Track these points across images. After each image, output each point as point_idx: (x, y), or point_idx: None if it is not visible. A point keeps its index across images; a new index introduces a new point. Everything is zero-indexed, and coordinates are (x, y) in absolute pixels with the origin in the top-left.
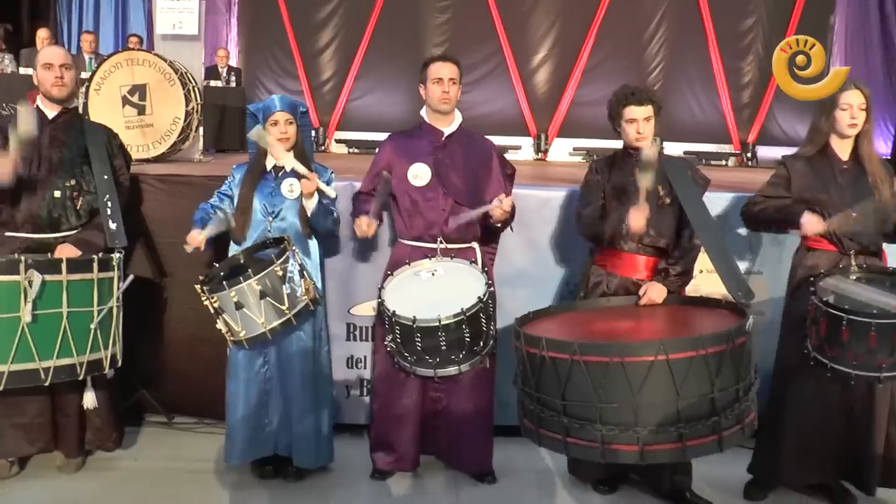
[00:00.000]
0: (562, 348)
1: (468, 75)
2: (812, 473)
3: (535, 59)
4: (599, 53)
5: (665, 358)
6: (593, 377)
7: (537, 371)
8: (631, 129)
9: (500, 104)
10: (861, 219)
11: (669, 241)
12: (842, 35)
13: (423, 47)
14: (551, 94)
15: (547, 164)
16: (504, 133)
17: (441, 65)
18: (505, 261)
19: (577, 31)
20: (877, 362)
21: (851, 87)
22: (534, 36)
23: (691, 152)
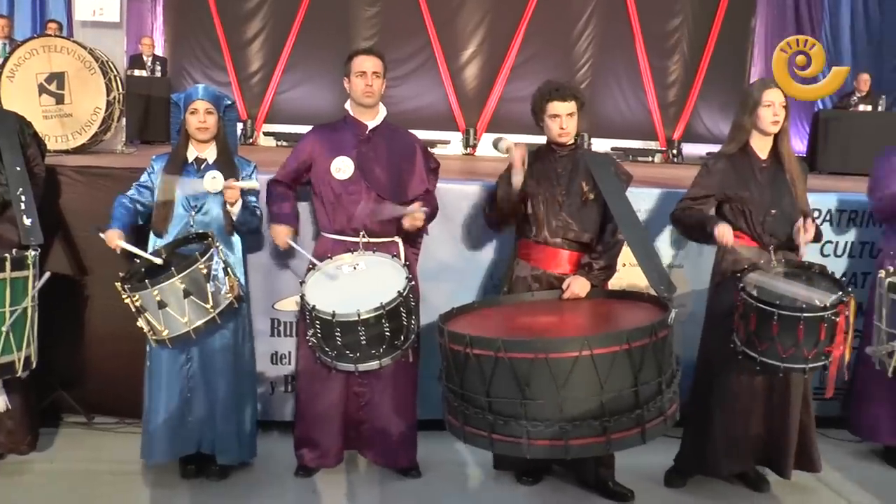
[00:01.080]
0: (486, 345)
1: (397, 69)
2: (738, 461)
3: (464, 55)
4: (528, 50)
5: (589, 353)
6: (518, 373)
7: (462, 368)
8: (554, 125)
9: (430, 99)
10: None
11: (593, 235)
12: (762, 37)
13: (353, 40)
14: (480, 89)
15: (475, 159)
16: (433, 128)
17: (364, 58)
18: (429, 255)
19: (506, 28)
20: (803, 354)
21: (772, 86)
22: (463, 31)
23: (619, 149)
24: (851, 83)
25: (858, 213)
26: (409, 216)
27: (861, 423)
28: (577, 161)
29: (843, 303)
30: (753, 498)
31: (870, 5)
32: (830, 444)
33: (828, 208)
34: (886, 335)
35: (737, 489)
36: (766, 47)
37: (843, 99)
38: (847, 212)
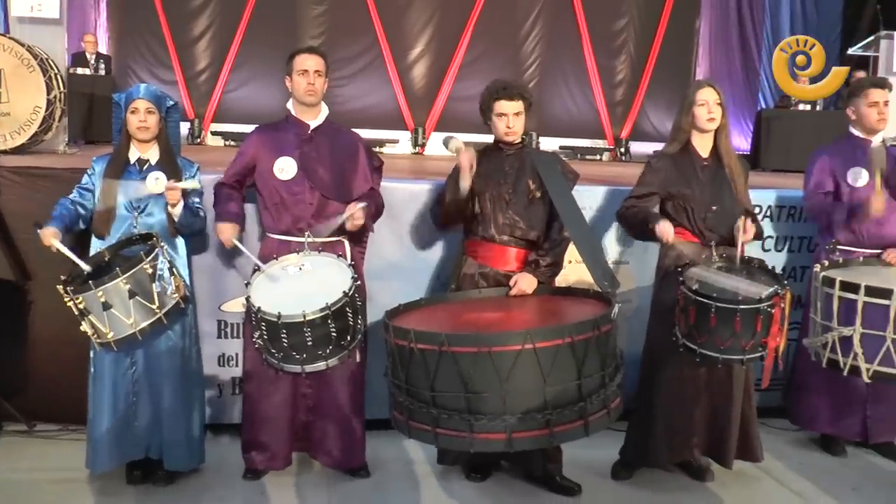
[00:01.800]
0: (430, 340)
1: (345, 69)
2: (679, 452)
3: (412, 54)
4: (476, 49)
5: (532, 347)
6: (461, 367)
7: (406, 363)
8: (501, 124)
9: (378, 98)
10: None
11: (540, 233)
12: (706, 38)
13: (300, 39)
14: (428, 88)
15: (424, 158)
16: (381, 127)
17: (306, 56)
18: (376, 254)
19: (454, 27)
20: (741, 345)
21: (705, 86)
22: (411, 30)
23: (567, 147)
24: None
25: (797, 208)
26: (349, 218)
27: (800, 412)
28: (523, 159)
29: (779, 295)
30: (697, 488)
31: (807, 8)
32: (772, 433)
33: (768, 204)
34: (821, 327)
35: (681, 479)
36: (711, 47)
37: (783, 98)
38: (786, 207)
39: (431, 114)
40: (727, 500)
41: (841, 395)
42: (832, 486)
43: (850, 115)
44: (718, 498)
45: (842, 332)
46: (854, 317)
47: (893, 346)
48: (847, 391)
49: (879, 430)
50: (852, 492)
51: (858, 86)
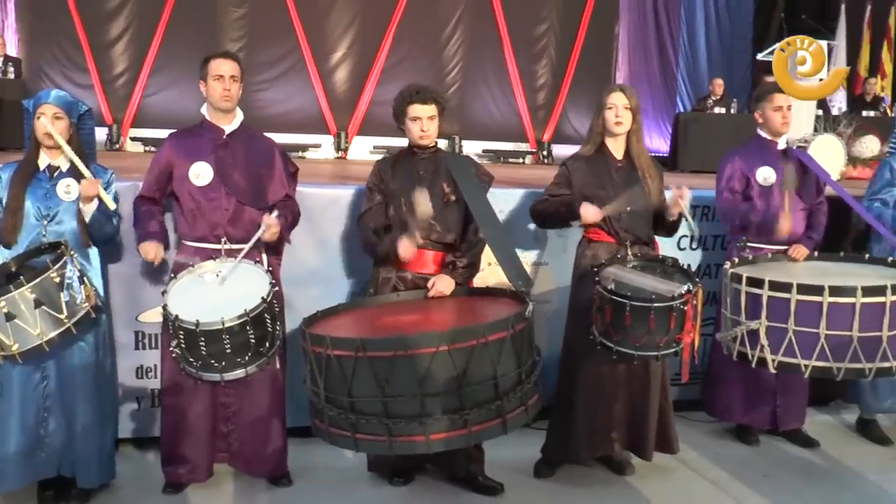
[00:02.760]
0: (346, 346)
1: (266, 72)
2: (600, 448)
3: (333, 57)
4: (398, 53)
5: (447, 348)
6: (378, 372)
7: (323, 370)
8: (415, 128)
9: (300, 102)
10: (630, 198)
11: (456, 235)
12: (625, 43)
13: (220, 42)
14: (351, 92)
15: (347, 163)
16: (304, 131)
17: (222, 61)
18: (295, 260)
19: (376, 31)
20: (655, 342)
21: (616, 90)
22: (332, 34)
23: (490, 150)
24: (710, 86)
25: (710, 208)
26: (264, 231)
27: (716, 404)
28: (438, 163)
29: (691, 293)
30: (618, 481)
31: (721, 15)
32: (691, 425)
33: None
34: (731, 322)
35: (602, 474)
36: (630, 52)
37: (700, 102)
38: (700, 207)
39: (354, 118)
40: (647, 492)
41: (753, 387)
42: (745, 473)
43: (758, 118)
44: (639, 490)
45: (749, 325)
46: (760, 310)
47: (795, 338)
48: (758, 382)
49: (788, 419)
50: (763, 478)
51: (764, 91)
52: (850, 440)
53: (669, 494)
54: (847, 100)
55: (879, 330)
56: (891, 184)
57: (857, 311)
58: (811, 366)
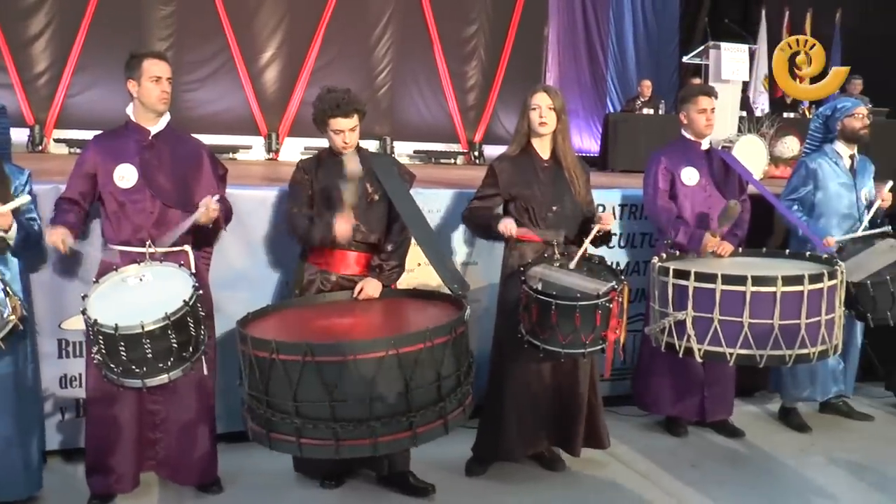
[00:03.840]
0: (293, 350)
1: (195, 72)
2: (530, 444)
3: (263, 58)
4: (328, 54)
5: (395, 353)
6: (326, 377)
7: (266, 374)
8: (338, 139)
9: (229, 103)
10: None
11: (381, 235)
12: (555, 44)
13: (147, 41)
14: (281, 93)
15: (279, 164)
16: (234, 132)
17: (158, 62)
18: (223, 262)
19: (305, 31)
20: (581, 340)
21: (540, 91)
22: (261, 33)
23: (421, 151)
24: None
25: (638, 206)
26: (202, 212)
27: (645, 398)
28: (360, 163)
29: (616, 290)
30: (550, 477)
31: (648, 19)
32: (621, 419)
33: (612, 203)
34: (659, 314)
35: (534, 471)
36: (559, 54)
37: (629, 103)
38: (628, 206)
39: (285, 119)
40: (578, 486)
41: (681, 380)
42: (674, 464)
43: (682, 119)
44: (570, 485)
45: (676, 316)
46: (687, 301)
47: (720, 327)
48: (686, 376)
49: (715, 410)
50: (691, 468)
51: (689, 93)
52: (772, 428)
53: (600, 488)
54: (769, 102)
55: (798, 318)
56: (805, 182)
57: (777, 300)
58: (735, 353)
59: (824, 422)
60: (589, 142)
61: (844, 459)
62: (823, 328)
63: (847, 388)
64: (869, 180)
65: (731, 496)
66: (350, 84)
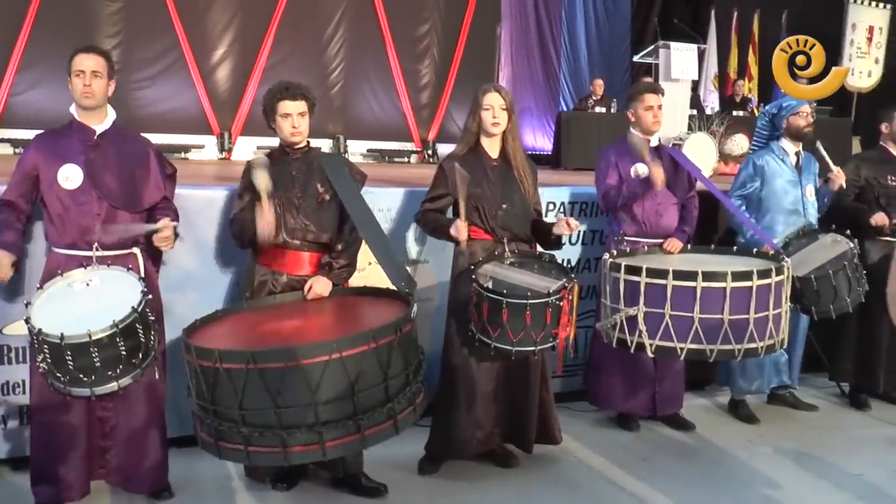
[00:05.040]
0: (236, 358)
1: (145, 70)
2: (483, 442)
3: (215, 55)
4: (280, 52)
5: (339, 356)
6: (270, 384)
7: (212, 384)
8: (286, 125)
9: (181, 101)
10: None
11: (332, 235)
12: (507, 44)
13: (95, 38)
14: (233, 91)
15: (232, 164)
16: (186, 131)
17: (83, 56)
18: (172, 264)
19: (257, 29)
20: (532, 337)
21: (492, 90)
22: (213, 31)
23: (375, 150)
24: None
25: (588, 204)
26: (160, 236)
27: (598, 393)
28: (311, 162)
29: (566, 288)
30: (503, 474)
31: (600, 18)
32: (574, 415)
33: (562, 201)
34: (610, 310)
35: (487, 468)
36: (512, 52)
37: (581, 101)
38: (579, 203)
39: (237, 118)
40: (531, 483)
41: (632, 375)
42: (626, 458)
43: (630, 117)
44: (523, 482)
45: (628, 312)
46: (638, 297)
47: (671, 322)
48: (637, 371)
49: (666, 404)
50: (643, 462)
51: (636, 91)
52: (722, 420)
53: (553, 484)
54: (719, 100)
55: (747, 313)
56: (752, 179)
57: (727, 295)
58: (686, 348)
59: (771, 413)
60: (542, 140)
61: (790, 449)
62: (771, 323)
63: (793, 379)
64: (813, 177)
65: (681, 489)
66: (303, 82)
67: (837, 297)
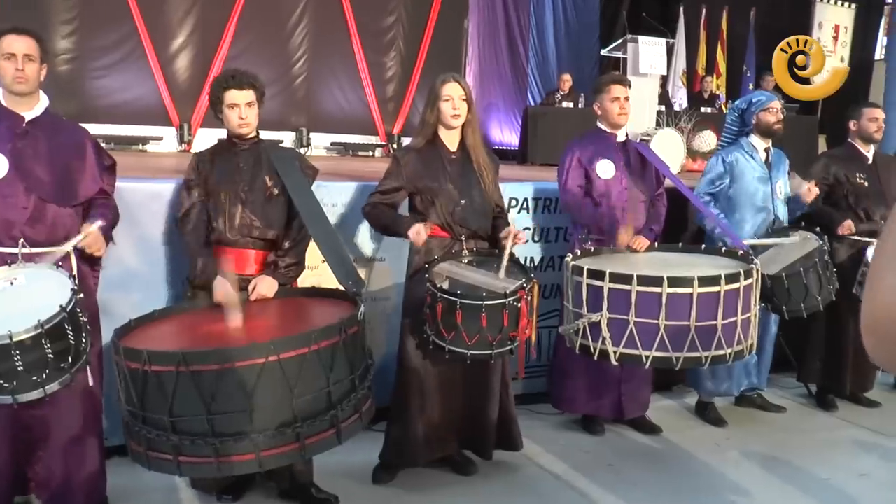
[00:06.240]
0: (166, 360)
1: (102, 58)
2: (440, 449)
3: (174, 44)
4: (242, 41)
5: (276, 358)
6: (202, 388)
7: (140, 387)
8: (233, 115)
9: (139, 91)
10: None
11: (279, 232)
12: (475, 37)
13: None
14: (193, 81)
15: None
16: (145, 122)
17: (13, 38)
18: (113, 260)
19: (218, 17)
20: (488, 340)
21: (451, 80)
22: (172, 19)
23: (339, 143)
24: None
25: (552, 200)
26: (84, 243)
27: (561, 396)
28: (259, 155)
29: (525, 289)
30: (461, 482)
31: (569, 12)
32: (537, 418)
33: (524, 196)
34: (573, 314)
35: (444, 476)
36: (480, 46)
37: (549, 96)
38: (542, 199)
39: (197, 109)
40: (491, 491)
41: (597, 377)
42: (590, 464)
43: (597, 110)
44: (482, 490)
45: (591, 318)
46: (601, 303)
47: (636, 329)
48: (603, 373)
49: (632, 407)
50: (608, 468)
51: (602, 83)
52: (689, 423)
53: (512, 493)
54: (687, 97)
55: (714, 319)
56: (722, 176)
57: (694, 301)
58: (651, 356)
59: (739, 415)
60: (509, 135)
61: (758, 453)
62: (739, 328)
63: (761, 381)
64: (783, 173)
65: (646, 497)
66: (265, 73)
67: (808, 295)
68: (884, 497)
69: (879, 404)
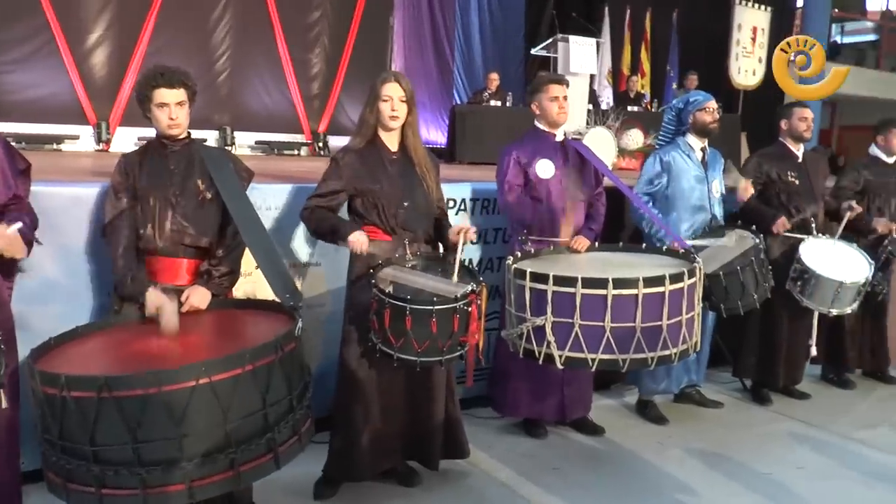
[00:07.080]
0: (86, 385)
1: (10, 52)
2: (384, 461)
3: (90, 39)
4: (162, 37)
5: (208, 380)
6: (127, 414)
7: (58, 415)
8: (163, 115)
9: (53, 88)
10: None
11: (212, 239)
12: (400, 35)
13: None
14: (111, 78)
15: (110, 156)
16: (59, 121)
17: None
18: (31, 272)
19: (137, 11)
20: (438, 346)
21: (391, 80)
22: (87, 12)
23: (263, 142)
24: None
25: (490, 201)
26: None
27: (503, 400)
28: (191, 156)
29: (475, 292)
30: (406, 494)
31: (494, 10)
32: (478, 423)
33: (462, 197)
34: (516, 318)
35: (389, 488)
36: (405, 44)
37: (476, 95)
38: (480, 200)
39: (116, 107)
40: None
41: (539, 380)
42: (535, 469)
43: (535, 109)
44: (428, 502)
45: (535, 322)
46: (545, 306)
47: (581, 332)
48: (544, 375)
49: (574, 409)
50: (553, 471)
51: (540, 82)
52: (630, 422)
53: (460, 502)
54: (613, 96)
55: (660, 319)
56: (660, 175)
57: (639, 303)
58: (598, 359)
59: (679, 412)
60: (436, 133)
61: (700, 450)
62: (684, 327)
63: (699, 377)
64: (719, 173)
65: (594, 501)
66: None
67: (745, 293)
68: (819, 487)
69: (809, 396)
